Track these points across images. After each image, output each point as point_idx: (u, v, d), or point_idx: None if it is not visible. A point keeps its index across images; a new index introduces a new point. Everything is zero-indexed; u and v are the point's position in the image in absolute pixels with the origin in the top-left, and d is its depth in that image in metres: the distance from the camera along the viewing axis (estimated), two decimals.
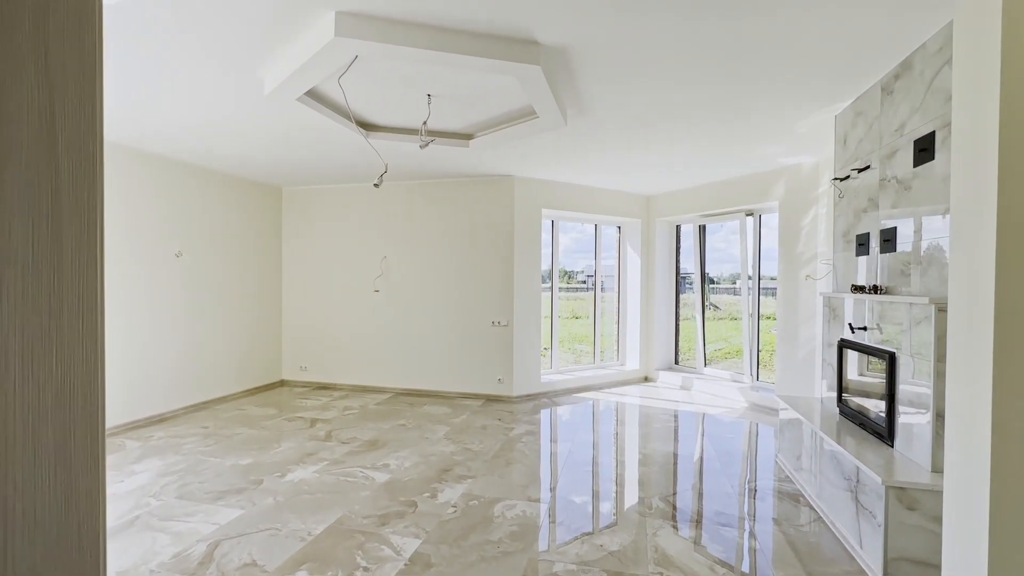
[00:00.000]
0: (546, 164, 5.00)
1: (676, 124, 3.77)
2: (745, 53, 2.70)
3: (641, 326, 6.68)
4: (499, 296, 5.57)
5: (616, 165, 5.06)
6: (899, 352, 2.54)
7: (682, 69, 2.87)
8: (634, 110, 3.44)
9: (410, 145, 3.98)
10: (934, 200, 2.35)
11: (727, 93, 3.20)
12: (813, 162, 4.75)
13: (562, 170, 5.28)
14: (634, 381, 6.60)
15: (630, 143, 4.27)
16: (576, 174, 5.48)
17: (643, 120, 3.65)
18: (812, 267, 4.77)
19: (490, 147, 3.99)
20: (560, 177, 5.63)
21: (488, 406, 5.27)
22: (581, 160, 4.84)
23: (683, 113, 3.53)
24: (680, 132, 3.97)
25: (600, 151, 4.50)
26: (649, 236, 6.72)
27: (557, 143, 4.22)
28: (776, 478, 3.40)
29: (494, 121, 3.65)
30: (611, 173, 5.42)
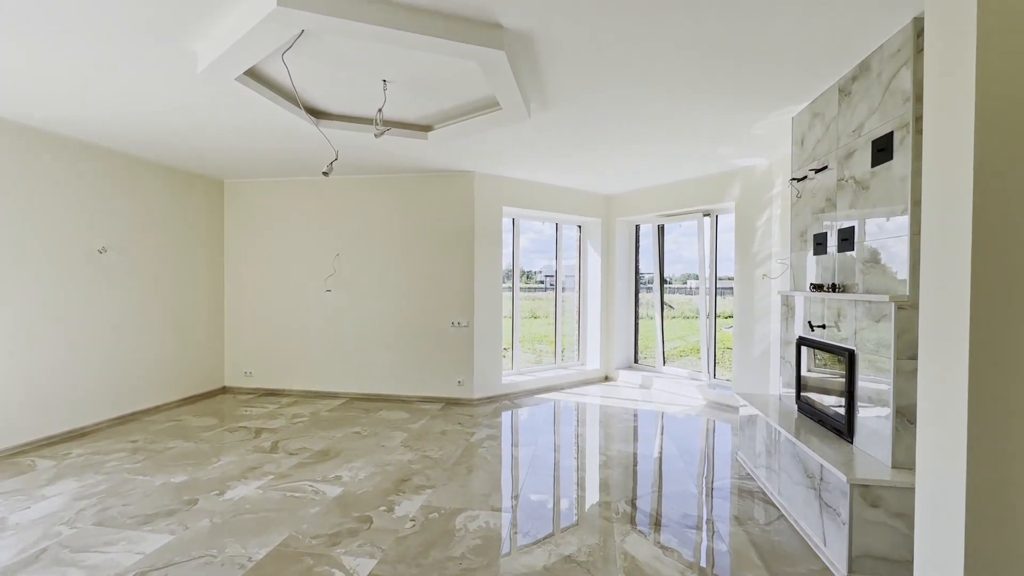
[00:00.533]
0: (507, 160, 4.87)
1: (637, 123, 3.73)
2: (706, 57, 2.74)
3: (602, 325, 6.67)
4: (459, 296, 5.39)
5: (578, 163, 4.99)
6: (858, 349, 2.57)
7: (645, 69, 2.85)
8: (598, 107, 3.37)
9: (364, 135, 3.75)
10: (892, 200, 2.39)
11: (688, 94, 3.20)
12: (767, 164, 4.86)
13: (524, 167, 5.17)
14: (595, 380, 6.59)
15: (592, 141, 4.20)
16: (538, 171, 5.39)
17: (606, 116, 3.58)
18: (767, 267, 4.88)
19: (450, 139, 3.82)
20: (521, 174, 5.52)
21: (448, 410, 5.08)
22: (543, 157, 4.74)
23: (645, 112, 3.49)
24: (641, 131, 3.94)
25: (562, 148, 4.42)
26: (609, 235, 6.72)
27: (519, 138, 4.09)
28: (737, 476, 3.41)
29: (454, 112, 3.48)
30: (572, 171, 5.36)
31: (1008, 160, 1.34)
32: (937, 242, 1.52)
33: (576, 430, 4.50)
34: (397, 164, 5.00)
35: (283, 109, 3.18)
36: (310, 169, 5.21)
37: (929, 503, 1.55)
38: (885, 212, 2.44)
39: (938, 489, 1.51)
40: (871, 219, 2.56)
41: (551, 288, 6.92)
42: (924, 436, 1.58)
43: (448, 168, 5.21)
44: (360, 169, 5.23)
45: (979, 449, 1.38)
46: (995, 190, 1.36)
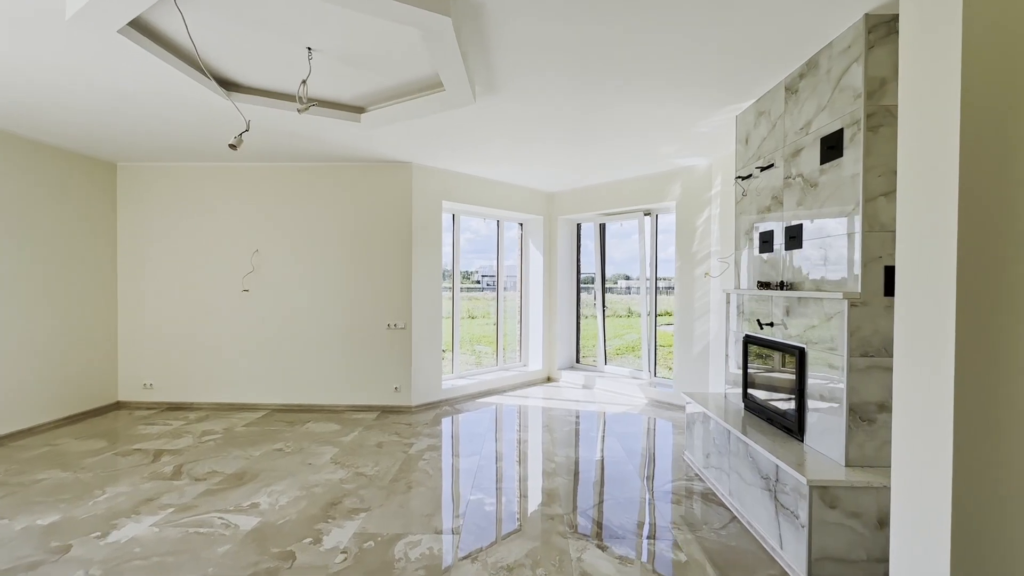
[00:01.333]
0: (449, 151, 4.57)
1: (583, 118, 3.60)
2: (654, 52, 2.67)
3: (544, 325, 6.54)
4: (396, 296, 5.01)
5: (522, 158, 4.80)
6: (809, 347, 2.56)
7: (591, 64, 2.76)
8: (545, 94, 3.18)
9: (287, 116, 3.32)
10: (843, 197, 2.38)
11: (635, 90, 3.13)
12: (707, 164, 4.93)
13: (465, 159, 4.89)
14: (538, 382, 6.44)
15: (538, 134, 4.02)
16: (480, 165, 5.13)
17: (553, 108, 3.41)
18: (706, 265, 4.95)
19: (386, 124, 3.47)
20: (463, 167, 5.24)
21: (384, 419, 4.70)
22: (486, 149, 4.50)
23: (591, 106, 3.36)
24: (587, 127, 3.83)
25: (507, 140, 4.20)
26: (551, 234, 6.61)
27: (462, 127, 3.82)
28: (686, 477, 3.36)
29: (392, 92, 3.15)
30: (516, 167, 5.16)
31: (996, 152, 1.28)
32: (916, 238, 1.45)
33: (521, 436, 4.29)
34: (326, 151, 4.55)
35: (184, 75, 2.70)
36: (223, 152, 4.62)
37: (910, 502, 1.48)
38: (835, 210, 2.43)
39: (920, 488, 1.43)
40: (820, 217, 2.55)
41: (488, 288, 6.69)
42: (902, 434, 1.51)
43: (384, 158, 4.82)
44: (284, 155, 4.71)
45: (966, 446, 1.31)
46: (981, 185, 1.29)
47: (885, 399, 2.26)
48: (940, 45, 1.35)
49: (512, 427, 4.56)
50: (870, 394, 2.26)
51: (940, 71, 1.35)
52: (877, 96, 2.25)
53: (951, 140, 1.31)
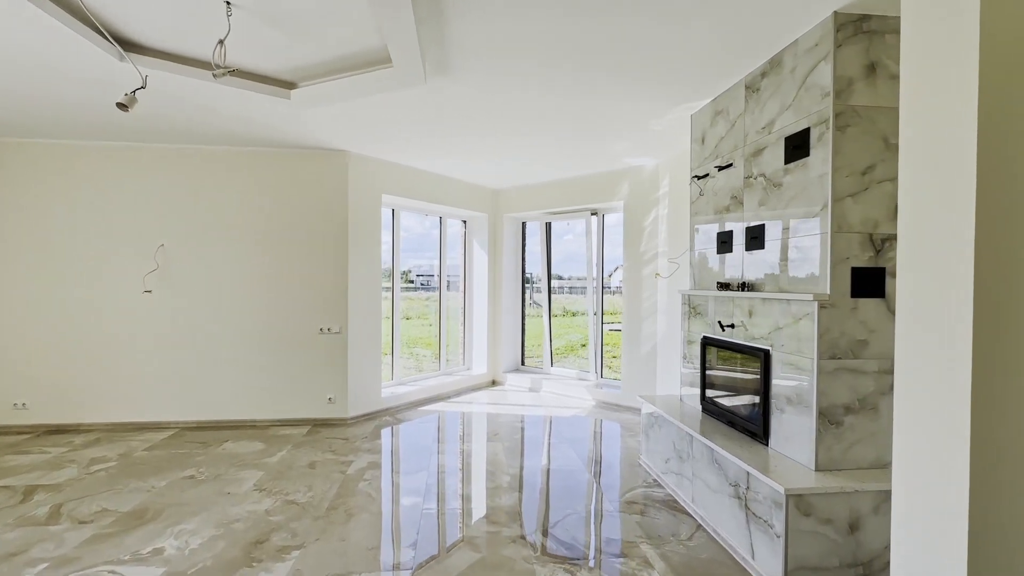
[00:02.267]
0: (390, 140, 4.20)
1: (538, 110, 3.43)
2: (612, 50, 2.60)
3: (489, 327, 6.30)
4: (329, 298, 4.55)
5: (469, 150, 4.53)
6: (774, 349, 2.52)
7: (551, 54, 2.63)
8: (499, 83, 2.95)
9: (200, 87, 2.83)
10: (810, 197, 2.35)
11: (591, 84, 3.04)
12: (655, 164, 4.92)
13: (408, 150, 4.54)
14: (482, 386, 6.19)
15: (488, 125, 3.78)
16: (424, 157, 4.79)
17: (506, 97, 3.19)
18: (654, 265, 4.94)
19: (320, 103, 3.07)
20: (405, 159, 4.87)
21: (316, 434, 4.23)
22: (432, 139, 4.18)
23: (547, 97, 3.19)
24: (540, 120, 3.66)
25: (455, 131, 3.91)
26: (496, 232, 6.38)
27: (407, 113, 3.48)
28: (645, 484, 3.26)
29: (329, 66, 2.77)
30: (462, 159, 4.87)
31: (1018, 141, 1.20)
32: (926, 235, 1.36)
33: (470, 447, 4.02)
34: (251, 133, 4.01)
35: (69, 29, 2.17)
36: (121, 129, 3.94)
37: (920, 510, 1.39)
38: (802, 210, 2.40)
39: (931, 497, 1.34)
40: (786, 217, 2.52)
41: (424, 288, 6.34)
42: (908, 440, 1.43)
43: (318, 144, 4.35)
44: (199, 136, 4.10)
45: (983, 452, 1.23)
46: (1002, 180, 1.21)
47: (852, 401, 2.25)
48: (956, 30, 1.26)
49: (459, 437, 4.27)
50: (838, 397, 2.24)
51: (955, 60, 1.27)
52: (845, 95, 2.23)
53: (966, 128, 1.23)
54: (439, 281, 6.15)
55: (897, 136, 2.23)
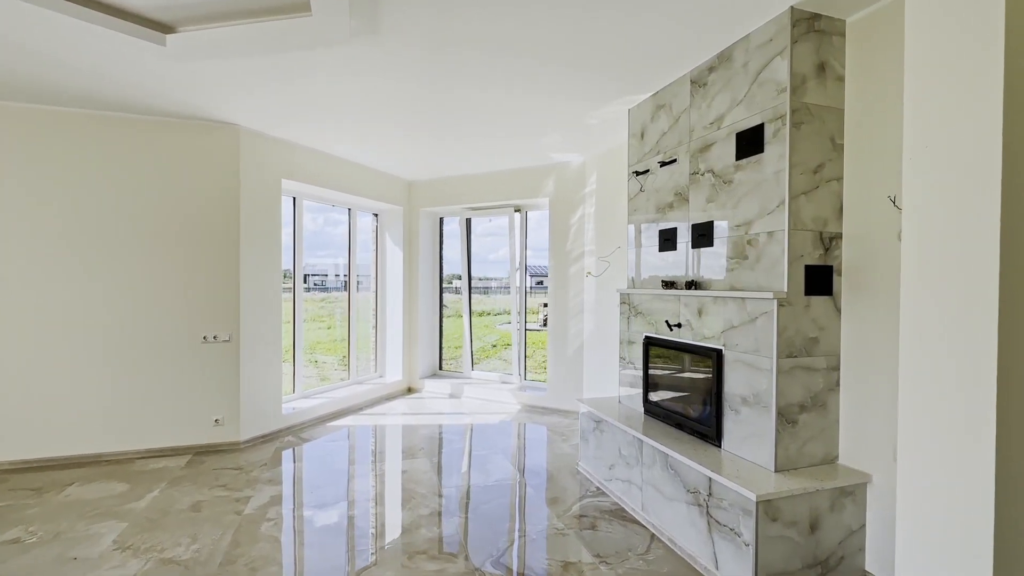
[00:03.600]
0: (294, 114, 3.60)
1: (468, 97, 3.14)
2: (550, 42, 2.47)
3: (404, 330, 5.82)
4: (217, 300, 3.80)
5: (385, 135, 4.06)
6: (727, 349, 2.47)
7: (487, 42, 2.43)
8: (437, 60, 2.59)
9: (32, 16, 2.09)
10: (765, 194, 2.31)
11: (527, 71, 2.85)
12: (581, 161, 4.83)
13: (315, 129, 3.94)
14: (397, 394, 5.69)
15: (412, 108, 3.39)
16: (331, 139, 4.22)
17: (441, 75, 2.85)
18: (580, 264, 4.86)
19: (207, 55, 2.46)
20: (310, 140, 4.25)
21: (200, 466, 3.49)
22: (345, 117, 3.65)
23: (481, 83, 2.94)
24: (469, 107, 3.39)
25: (373, 108, 3.44)
26: (412, 227, 5.91)
27: (318, 80, 2.96)
28: (588, 493, 3.09)
29: (221, 7, 2.19)
30: (375, 145, 4.37)
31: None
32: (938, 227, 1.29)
33: (392, 465, 3.58)
34: (111, 92, 3.16)
35: None
36: None
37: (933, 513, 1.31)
38: (756, 208, 2.36)
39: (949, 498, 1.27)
40: (737, 214, 2.48)
41: (316, 288, 5.68)
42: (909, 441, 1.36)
43: (202, 113, 3.59)
44: (40, 92, 3.15)
45: (1009, 453, 1.17)
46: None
47: (805, 399, 2.25)
48: (978, 19, 1.19)
49: (378, 455, 3.79)
50: (793, 395, 2.22)
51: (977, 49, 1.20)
52: (800, 92, 2.21)
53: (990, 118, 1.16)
54: (348, 280, 5.53)
55: (842, 137, 2.28)
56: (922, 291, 1.32)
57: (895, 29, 2.08)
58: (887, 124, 2.10)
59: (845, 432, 2.28)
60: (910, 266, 1.36)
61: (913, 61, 1.35)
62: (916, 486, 1.33)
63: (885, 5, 2.12)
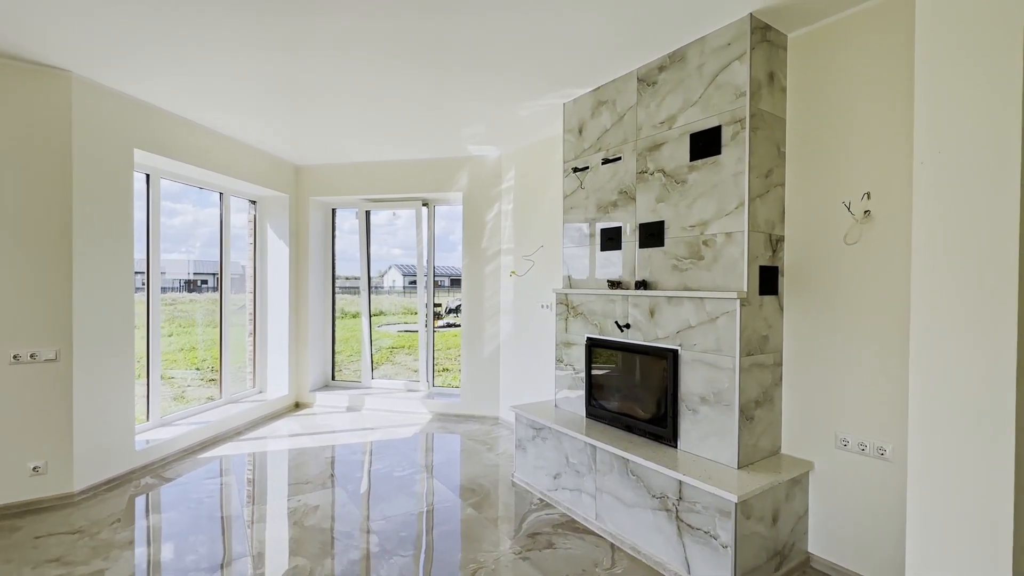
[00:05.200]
0: (149, 66, 2.81)
1: (383, 82, 2.76)
2: (487, 26, 2.32)
3: (291, 337, 5.04)
4: (33, 305, 2.81)
5: (268, 107, 3.41)
6: (683, 349, 2.46)
7: None
8: (329, 21, 2.18)
9: None
10: (722, 195, 2.34)
11: (460, 53, 2.64)
12: (497, 155, 4.63)
13: (175, 86, 3.14)
14: (283, 412, 4.90)
15: (306, 74, 2.86)
16: (199, 103, 3.42)
17: (338, 38, 2.41)
18: (497, 263, 4.66)
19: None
20: (169, 101, 3.39)
21: (13, 535, 2.53)
22: (215, 77, 2.96)
23: (392, 58, 2.57)
24: (382, 87, 2.97)
25: (253, 71, 2.83)
26: (301, 218, 5.15)
27: (188, 25, 2.32)
28: (533, 506, 2.91)
29: None
30: (255, 118, 3.66)
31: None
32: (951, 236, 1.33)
33: (298, 502, 2.99)
34: None
35: None
36: None
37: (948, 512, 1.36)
38: (713, 208, 2.39)
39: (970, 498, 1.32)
40: (691, 214, 2.49)
41: (183, 288, 4.71)
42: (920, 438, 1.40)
43: (13, 51, 2.60)
44: None
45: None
46: None
47: (759, 395, 2.32)
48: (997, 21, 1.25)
49: (276, 490, 3.16)
50: (751, 392, 2.28)
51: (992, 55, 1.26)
52: (756, 98, 2.28)
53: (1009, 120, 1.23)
54: (221, 279, 4.60)
55: (784, 145, 2.41)
56: (934, 293, 1.37)
57: (833, 47, 2.24)
58: (824, 135, 2.26)
59: (788, 424, 2.42)
60: (922, 267, 1.40)
61: (924, 67, 1.40)
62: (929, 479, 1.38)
63: (825, 24, 2.28)
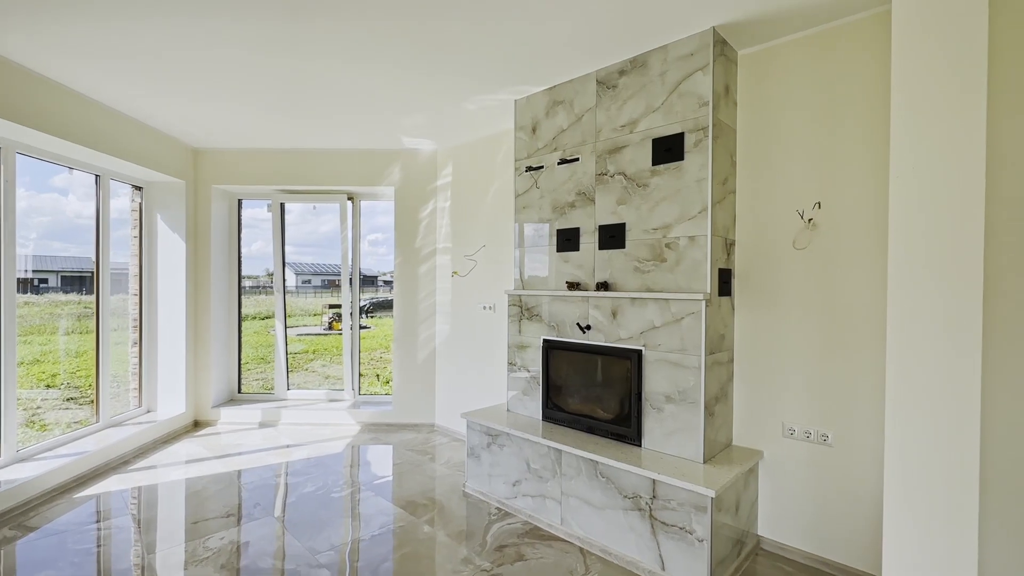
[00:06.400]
0: (3, 3, 2.23)
1: (314, 69, 2.47)
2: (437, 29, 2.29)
3: (188, 346, 4.36)
4: None
5: (161, 69, 2.91)
6: (647, 349, 2.51)
7: None
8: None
9: None
10: (685, 200, 2.42)
11: (412, 38, 2.47)
12: (433, 149, 4.42)
13: (34, 35, 2.54)
14: (181, 433, 4.23)
15: (215, 26, 2.48)
16: (68, 63, 2.80)
17: None
18: (431, 263, 4.45)
19: None
20: (27, 56, 2.73)
21: None
22: (96, 27, 2.45)
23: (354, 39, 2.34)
24: (300, 67, 2.70)
25: (144, 20, 2.40)
26: (200, 209, 4.48)
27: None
28: (492, 517, 2.80)
29: None
30: (142, 83, 3.10)
31: None
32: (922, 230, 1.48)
33: (221, 540, 2.57)
34: None
35: None
36: None
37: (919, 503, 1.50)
38: (675, 212, 2.46)
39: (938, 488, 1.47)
40: (653, 217, 2.55)
41: (47, 288, 3.90)
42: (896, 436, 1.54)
43: None
44: None
45: (993, 444, 1.40)
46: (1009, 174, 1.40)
47: (719, 391, 2.45)
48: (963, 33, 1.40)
49: (188, 528, 2.68)
50: (713, 389, 2.39)
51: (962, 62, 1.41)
52: (716, 109, 2.39)
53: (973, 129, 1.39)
54: (97, 279, 3.83)
55: (736, 155, 2.56)
56: (908, 295, 1.51)
57: (778, 68, 2.43)
58: (769, 147, 2.45)
59: (739, 416, 2.58)
60: (897, 272, 1.54)
61: (900, 88, 1.53)
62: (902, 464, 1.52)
63: (772, 46, 2.46)
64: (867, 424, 2.18)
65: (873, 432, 2.16)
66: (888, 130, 2.10)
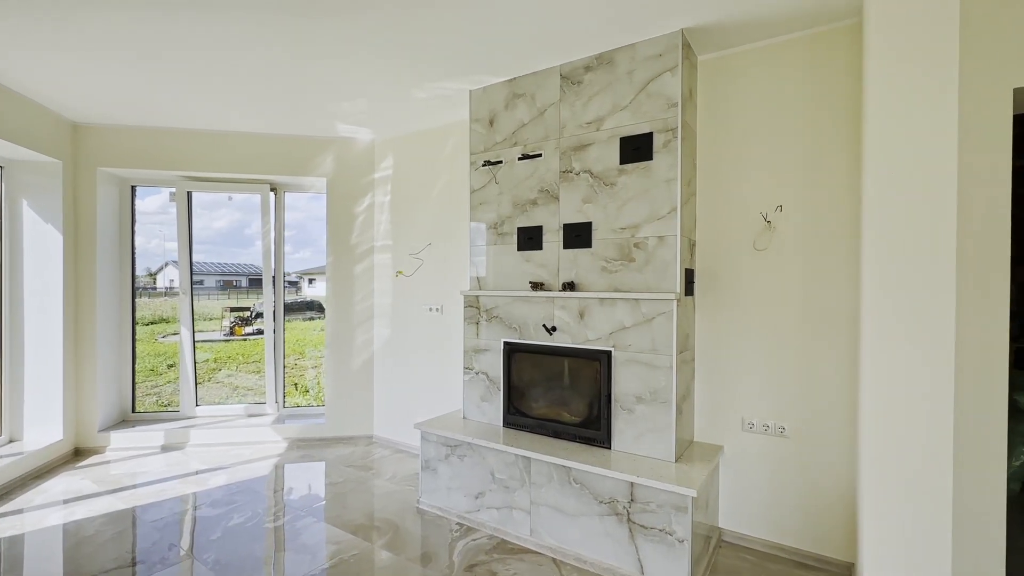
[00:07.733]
0: None
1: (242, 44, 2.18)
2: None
3: (66, 358, 3.63)
4: None
5: (29, 17, 2.39)
6: (617, 350, 2.48)
7: None
8: None
9: None
10: (654, 200, 2.42)
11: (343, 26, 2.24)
12: (370, 139, 4.09)
13: None
14: (57, 465, 3.51)
15: None
16: None
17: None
18: (368, 262, 4.12)
19: None
20: None
21: None
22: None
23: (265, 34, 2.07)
24: (231, 49, 2.35)
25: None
26: (82, 195, 3.75)
27: None
28: (455, 533, 2.61)
29: None
30: (10, 39, 2.54)
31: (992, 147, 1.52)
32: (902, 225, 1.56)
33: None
34: None
35: None
36: None
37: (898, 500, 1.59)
38: (644, 211, 2.45)
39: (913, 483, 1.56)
40: (621, 217, 2.52)
41: None
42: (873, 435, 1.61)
43: None
44: None
45: (966, 439, 1.51)
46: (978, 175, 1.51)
47: (685, 390, 2.48)
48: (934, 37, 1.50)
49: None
50: (681, 388, 2.41)
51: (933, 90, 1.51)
52: (683, 111, 2.42)
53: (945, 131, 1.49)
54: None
55: (697, 157, 2.62)
56: (883, 294, 1.59)
57: (734, 75, 2.52)
58: (726, 151, 2.54)
59: (700, 413, 2.64)
60: (872, 271, 1.62)
61: (875, 97, 1.61)
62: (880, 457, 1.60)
63: (730, 53, 2.54)
64: (821, 415, 2.32)
65: (827, 422, 2.30)
66: (847, 138, 2.24)
